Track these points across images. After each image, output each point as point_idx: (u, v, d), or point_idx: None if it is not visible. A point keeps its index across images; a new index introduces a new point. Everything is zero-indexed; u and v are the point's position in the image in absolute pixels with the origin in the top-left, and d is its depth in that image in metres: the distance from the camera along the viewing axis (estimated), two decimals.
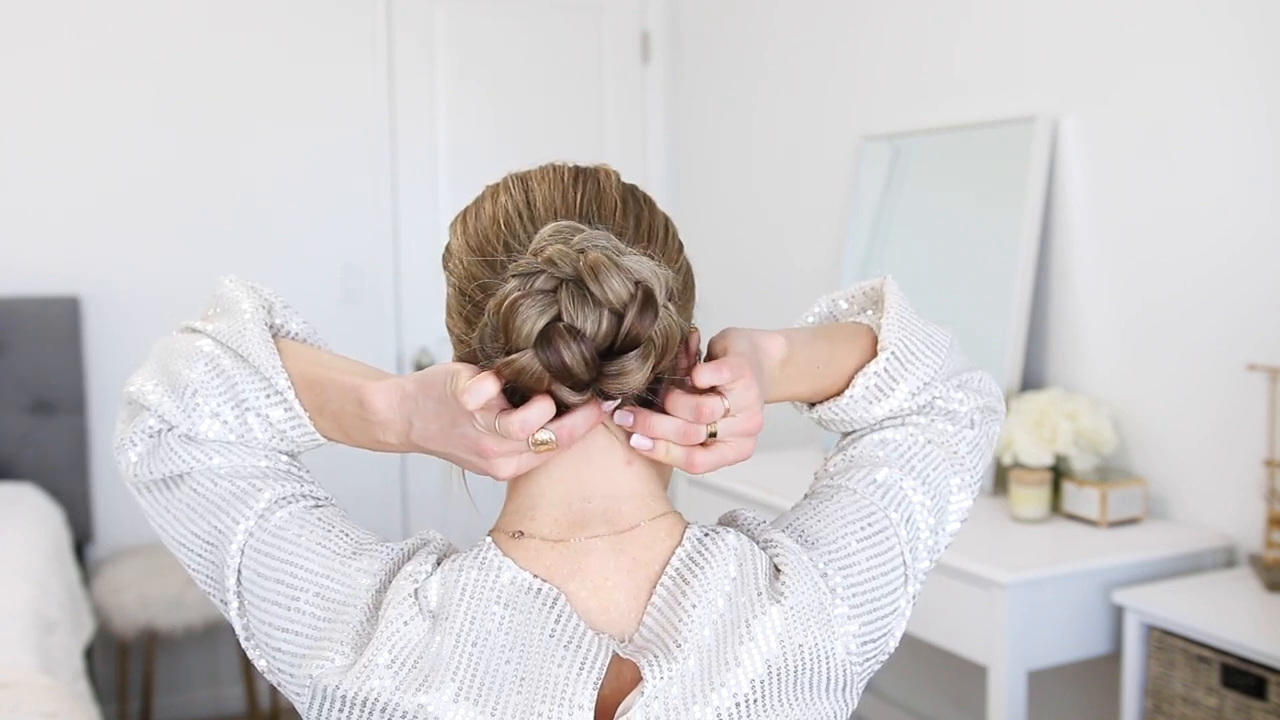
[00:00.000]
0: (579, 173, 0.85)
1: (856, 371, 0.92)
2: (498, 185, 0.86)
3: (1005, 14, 2.58)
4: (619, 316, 0.73)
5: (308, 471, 0.88)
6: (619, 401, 0.78)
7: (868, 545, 0.84)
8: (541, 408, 0.75)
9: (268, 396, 0.85)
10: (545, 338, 0.72)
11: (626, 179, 0.89)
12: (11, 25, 3.07)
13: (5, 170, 3.09)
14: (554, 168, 0.85)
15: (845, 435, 0.95)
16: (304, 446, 0.87)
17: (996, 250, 2.52)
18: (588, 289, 0.72)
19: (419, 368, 3.49)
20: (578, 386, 0.74)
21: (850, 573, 0.83)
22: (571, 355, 0.72)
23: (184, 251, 3.26)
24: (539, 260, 0.73)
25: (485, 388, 0.74)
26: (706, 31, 3.64)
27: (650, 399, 0.81)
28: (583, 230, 0.75)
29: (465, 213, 0.87)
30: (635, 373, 0.74)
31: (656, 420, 0.79)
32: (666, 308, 0.74)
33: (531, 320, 0.72)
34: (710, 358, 0.82)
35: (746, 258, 3.49)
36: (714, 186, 3.65)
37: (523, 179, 0.85)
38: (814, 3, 3.18)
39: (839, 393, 0.92)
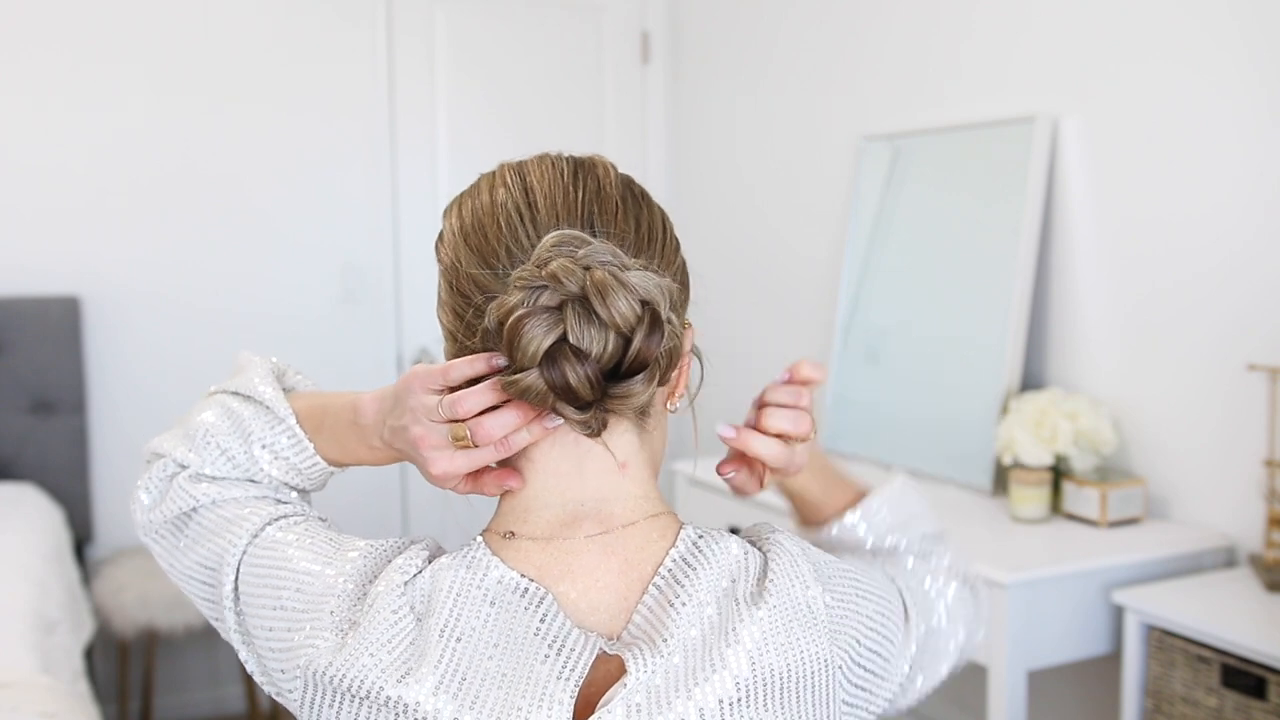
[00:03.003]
0: (577, 168, 0.83)
1: (846, 508, 1.00)
2: (494, 177, 0.85)
3: (1005, 14, 2.58)
4: (625, 339, 0.73)
5: (310, 505, 0.92)
6: (560, 420, 0.77)
7: (874, 602, 0.86)
8: (483, 394, 0.76)
9: (272, 427, 0.90)
10: (550, 357, 0.72)
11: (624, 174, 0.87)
12: (11, 26, 3.07)
13: (5, 170, 3.09)
14: (551, 162, 0.84)
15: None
16: (308, 474, 0.91)
17: (996, 250, 2.52)
18: (594, 309, 0.72)
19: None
20: (581, 407, 0.74)
21: (845, 604, 0.83)
22: (576, 377, 0.72)
23: (184, 251, 3.26)
24: (543, 274, 0.72)
25: (466, 365, 0.77)
26: (706, 31, 3.64)
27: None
28: (589, 243, 0.74)
29: (460, 203, 0.86)
30: (640, 395, 0.75)
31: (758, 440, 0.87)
32: (670, 323, 0.74)
33: (538, 340, 0.72)
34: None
35: (746, 258, 3.49)
36: (714, 186, 3.65)
37: (520, 173, 0.83)
38: (814, 3, 3.18)
39: (825, 521, 1.00)
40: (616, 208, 0.82)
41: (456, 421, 0.77)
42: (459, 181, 3.70)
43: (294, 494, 0.92)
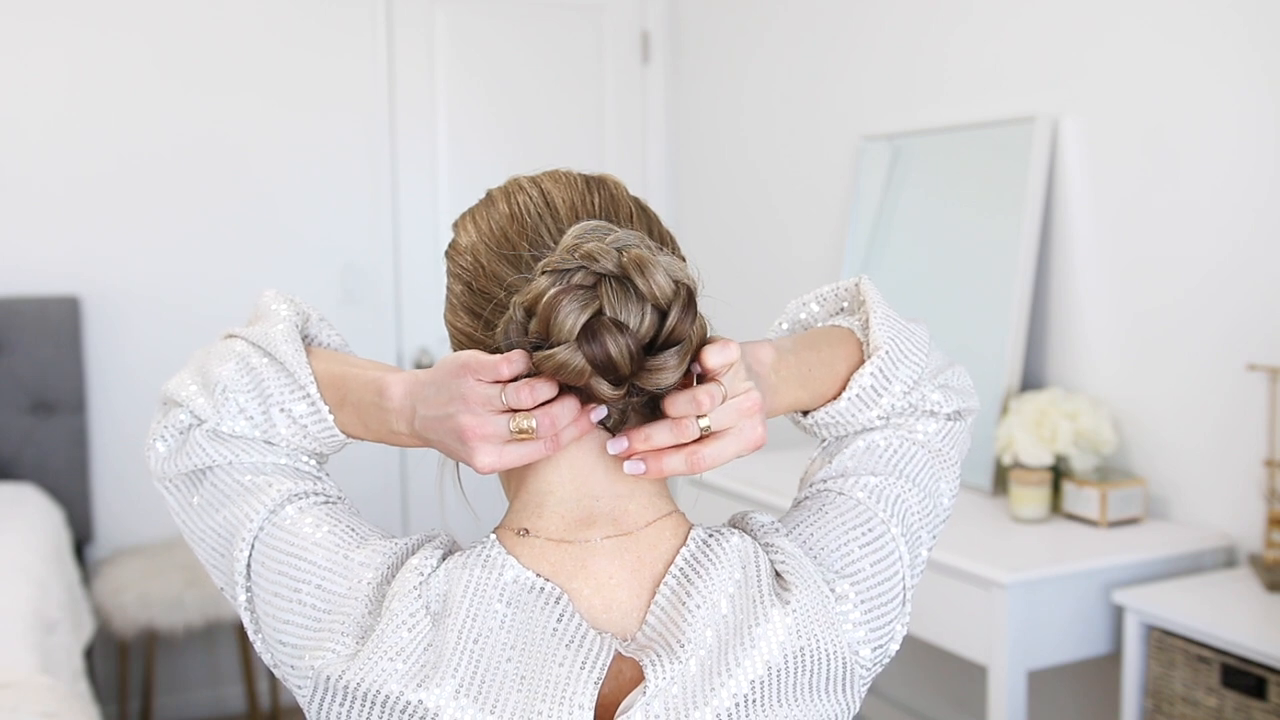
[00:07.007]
0: (589, 179, 0.86)
1: (849, 375, 0.91)
2: (508, 186, 0.87)
3: (1005, 14, 2.58)
4: (662, 313, 0.74)
5: (327, 473, 0.90)
6: (605, 411, 0.78)
7: (870, 551, 0.85)
8: (547, 384, 0.75)
9: (291, 391, 0.87)
10: (590, 331, 0.73)
11: (627, 181, 0.90)
12: (10, 25, 3.07)
13: (5, 170, 3.09)
14: (565, 174, 0.86)
15: (823, 440, 0.94)
16: (325, 443, 0.89)
17: (997, 250, 2.52)
18: (632, 284, 0.73)
19: (419, 367, 3.49)
20: (617, 381, 0.74)
21: (857, 581, 0.83)
22: (617, 348, 0.73)
23: (184, 252, 3.26)
24: (575, 256, 0.73)
25: (519, 358, 0.75)
26: (706, 31, 3.64)
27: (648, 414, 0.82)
28: (615, 230, 0.76)
29: (474, 213, 0.87)
30: (673, 370, 0.75)
31: (650, 429, 0.79)
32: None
33: (575, 315, 0.73)
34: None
35: (746, 258, 3.49)
36: (714, 186, 3.65)
37: (535, 181, 0.86)
38: (813, 3, 3.18)
39: (834, 397, 0.91)
40: (631, 214, 0.85)
41: (517, 412, 0.76)
42: (459, 182, 3.71)
43: (310, 461, 0.89)
